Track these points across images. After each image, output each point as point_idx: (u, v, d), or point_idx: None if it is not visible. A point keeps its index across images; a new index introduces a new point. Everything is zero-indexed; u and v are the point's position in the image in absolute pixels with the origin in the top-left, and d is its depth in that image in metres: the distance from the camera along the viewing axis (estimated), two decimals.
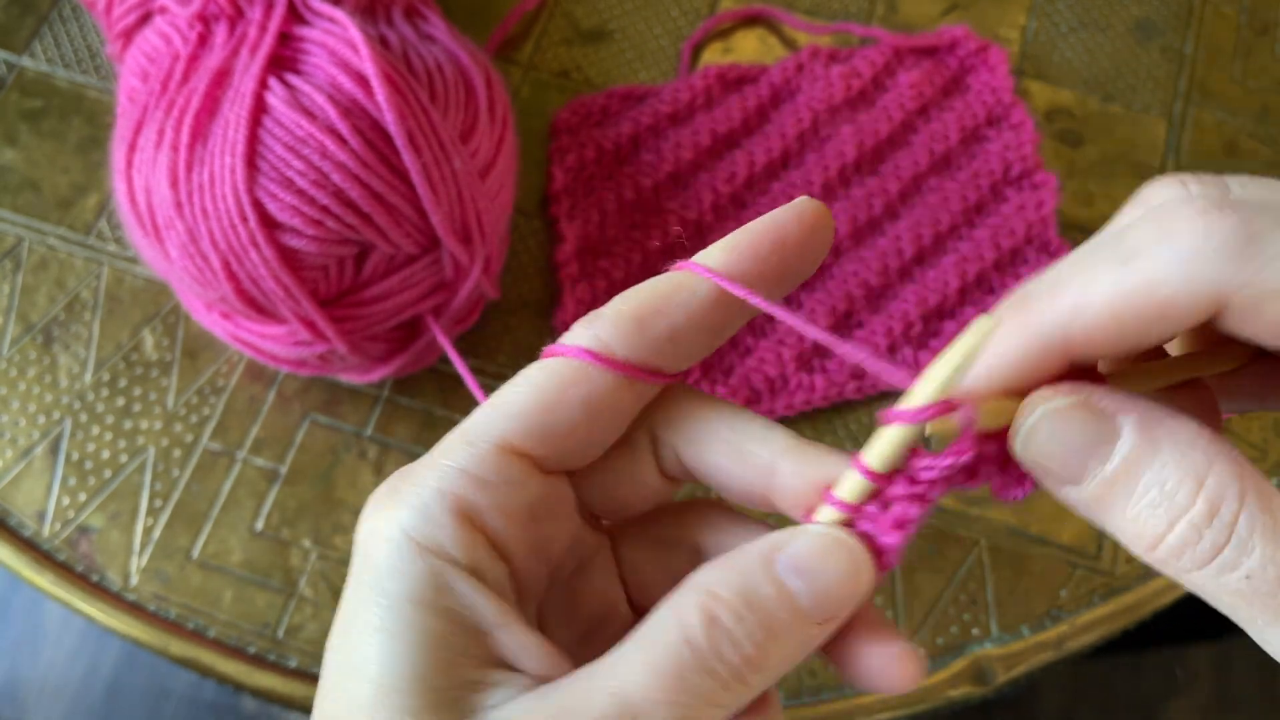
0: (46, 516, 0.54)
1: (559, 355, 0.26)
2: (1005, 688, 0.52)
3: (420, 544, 0.24)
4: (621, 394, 0.26)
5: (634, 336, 0.26)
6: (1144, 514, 0.22)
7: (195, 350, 0.57)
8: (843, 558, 0.24)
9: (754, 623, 0.23)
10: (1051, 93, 0.65)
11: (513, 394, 0.26)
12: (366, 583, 0.24)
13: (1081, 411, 0.23)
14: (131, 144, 0.48)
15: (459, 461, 0.25)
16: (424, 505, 0.25)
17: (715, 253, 0.27)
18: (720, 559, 0.25)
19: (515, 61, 0.65)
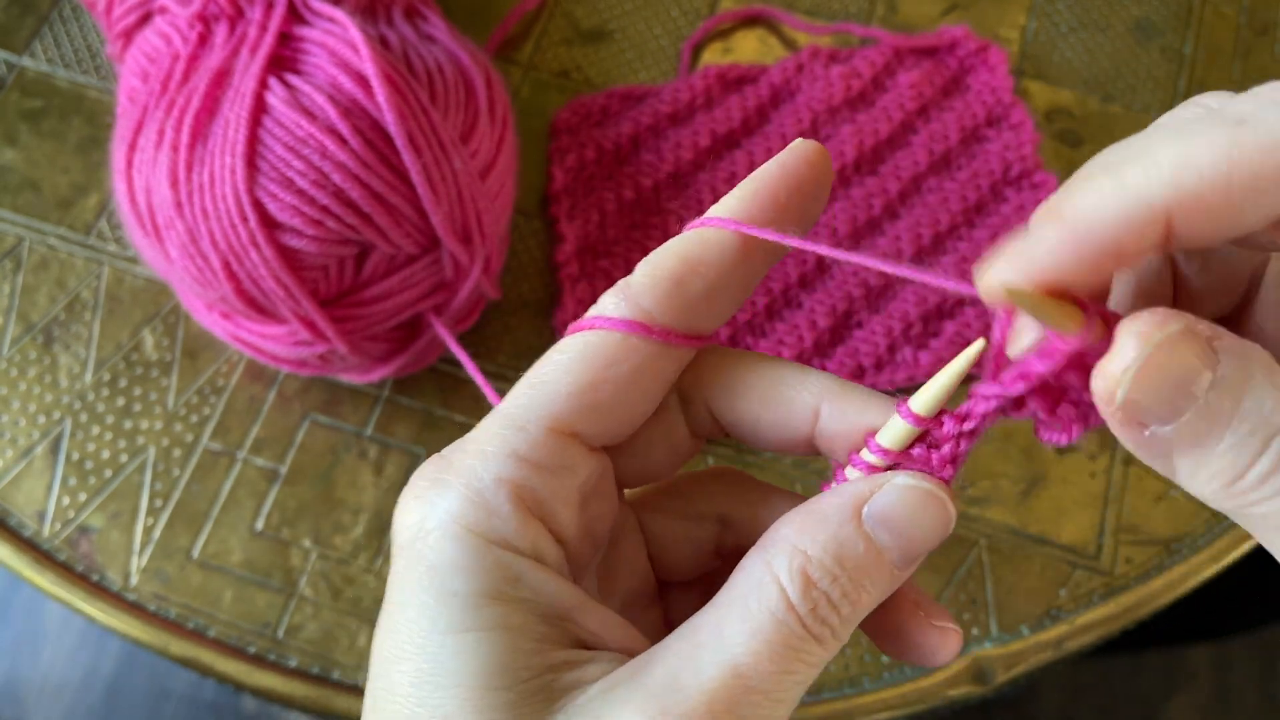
0: (47, 516, 0.54)
1: (598, 328, 0.25)
2: (1005, 688, 0.52)
3: (484, 537, 0.23)
4: (664, 362, 0.26)
5: (673, 300, 0.25)
6: (1236, 443, 0.21)
7: (195, 350, 0.58)
8: (934, 508, 0.24)
9: (847, 581, 0.23)
10: (1051, 93, 0.65)
11: (554, 372, 0.25)
12: (426, 582, 0.23)
13: (1191, 340, 0.21)
14: (132, 144, 0.48)
15: (512, 446, 0.24)
16: (481, 495, 0.24)
17: (731, 203, 0.26)
18: (803, 512, 0.24)
19: (515, 61, 0.65)
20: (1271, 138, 0.20)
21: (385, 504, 0.55)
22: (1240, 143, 0.20)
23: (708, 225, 0.26)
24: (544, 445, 0.24)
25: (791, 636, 0.23)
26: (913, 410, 0.24)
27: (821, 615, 0.23)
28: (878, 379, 0.57)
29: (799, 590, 0.23)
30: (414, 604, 0.23)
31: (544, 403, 0.25)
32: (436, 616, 0.23)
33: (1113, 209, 0.21)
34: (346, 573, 0.54)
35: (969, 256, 0.59)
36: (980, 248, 0.60)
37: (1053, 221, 0.22)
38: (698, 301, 0.25)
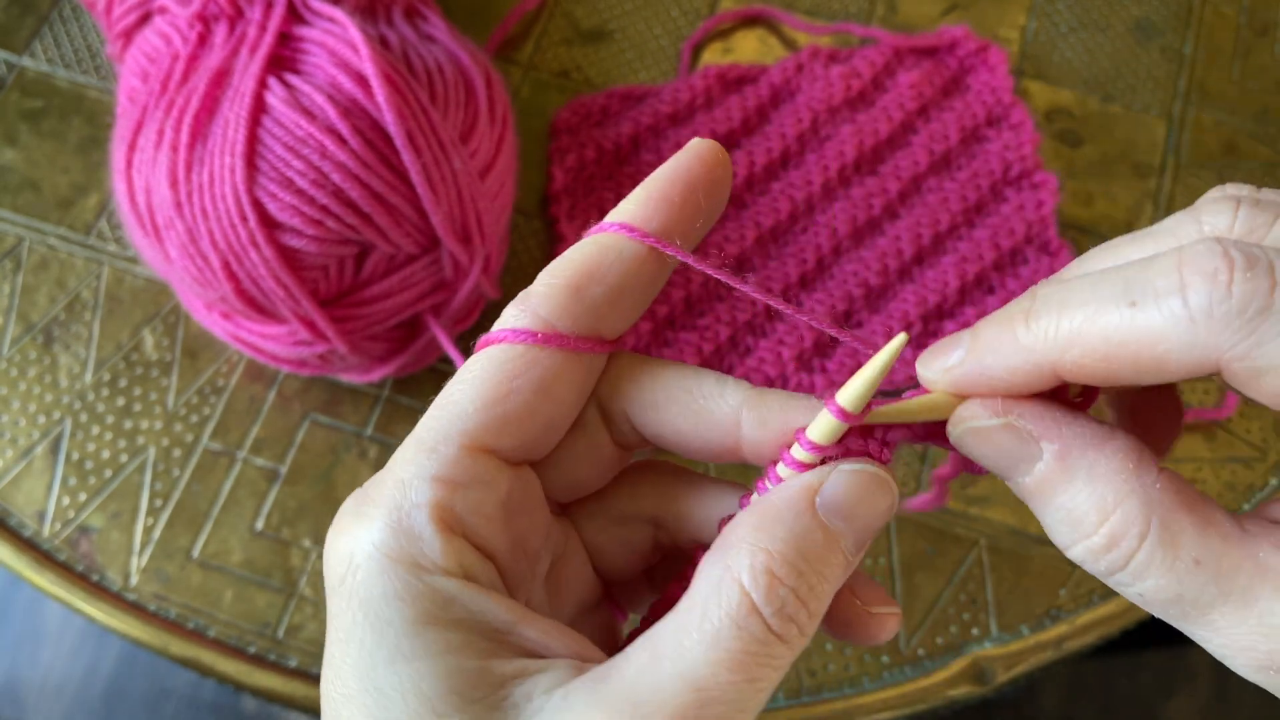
0: (47, 516, 0.54)
1: (499, 342, 0.25)
2: (1005, 687, 0.52)
3: (411, 563, 0.23)
4: (572, 370, 0.26)
5: (573, 307, 0.25)
6: (1057, 522, 0.24)
7: (195, 350, 0.58)
8: (881, 492, 0.25)
9: (811, 573, 0.23)
10: (1051, 93, 0.65)
11: (463, 390, 0.25)
12: (361, 615, 0.23)
13: (1005, 433, 0.24)
14: (131, 144, 0.48)
15: (426, 469, 0.24)
16: (401, 522, 0.24)
17: (629, 207, 0.26)
18: (755, 509, 0.24)
19: (515, 61, 0.65)
20: (1147, 328, 0.22)
21: None
22: (1125, 327, 0.22)
23: (604, 231, 0.26)
24: (457, 463, 0.24)
25: (754, 642, 0.22)
26: (842, 406, 0.25)
27: (789, 613, 0.23)
28: None
29: (763, 591, 0.23)
30: (353, 640, 0.23)
31: (452, 421, 0.25)
32: (375, 649, 0.23)
33: (1008, 359, 0.24)
34: None
35: (968, 256, 0.59)
36: (980, 247, 0.59)
37: (963, 346, 0.25)
38: (599, 307, 0.26)
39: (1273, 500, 0.24)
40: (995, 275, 0.59)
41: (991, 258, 0.59)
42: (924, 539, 0.55)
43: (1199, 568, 0.22)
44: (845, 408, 0.25)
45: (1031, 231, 0.60)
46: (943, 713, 0.53)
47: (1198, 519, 0.22)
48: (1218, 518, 0.22)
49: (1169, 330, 0.21)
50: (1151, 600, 0.23)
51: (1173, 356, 0.22)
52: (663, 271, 0.27)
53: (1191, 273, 0.21)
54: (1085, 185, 0.62)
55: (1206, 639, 0.23)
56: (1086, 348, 0.23)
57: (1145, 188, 0.62)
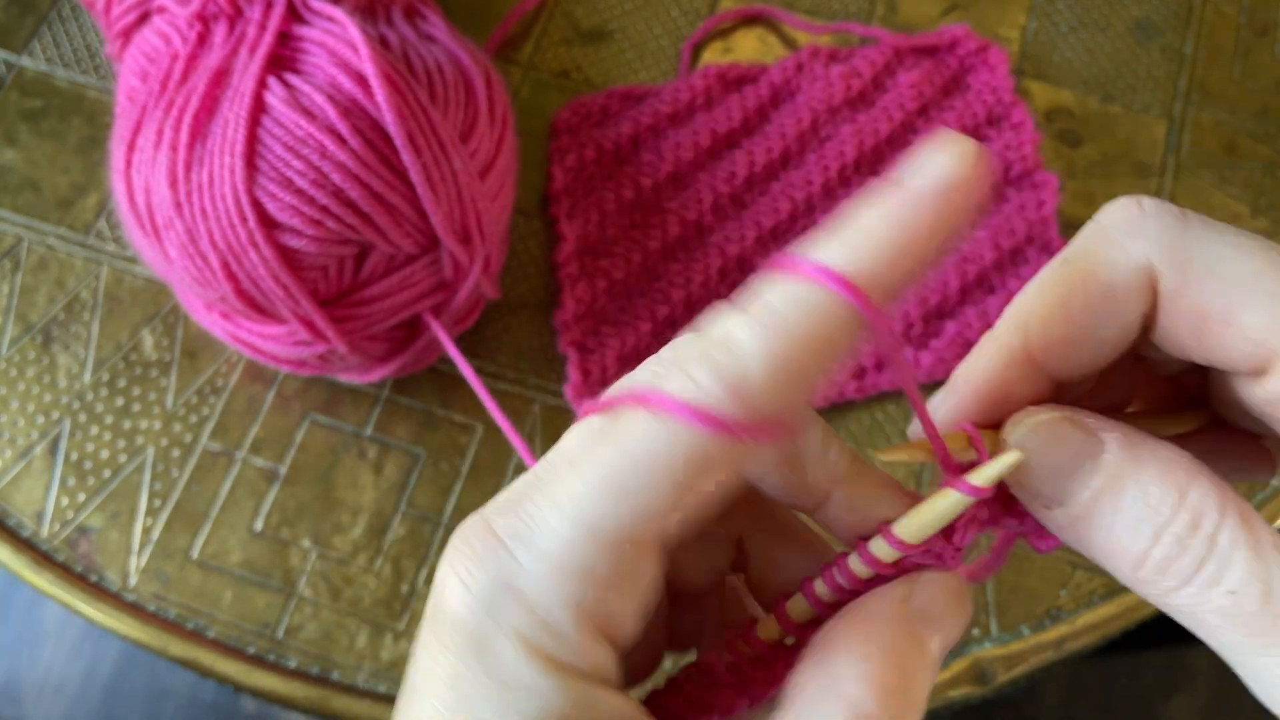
0: (45, 516, 0.54)
1: (690, 424, 0.20)
2: (1005, 688, 0.52)
3: (554, 661, 0.21)
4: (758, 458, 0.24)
5: (792, 404, 0.21)
6: (1129, 529, 0.22)
7: (195, 350, 0.57)
8: (964, 601, 0.24)
9: (907, 695, 0.22)
10: (1051, 93, 0.65)
11: (645, 482, 0.21)
12: (499, 702, 0.21)
13: (1066, 425, 0.23)
14: (131, 144, 0.48)
15: (591, 568, 0.21)
16: (550, 615, 0.21)
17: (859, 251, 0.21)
18: (854, 620, 0.23)
19: (515, 61, 0.65)
20: (1084, 263, 0.22)
21: (385, 504, 0.55)
22: (1064, 279, 0.22)
23: (828, 286, 0.20)
24: (624, 566, 0.21)
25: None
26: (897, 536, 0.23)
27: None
28: (878, 379, 0.57)
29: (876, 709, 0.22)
30: (476, 715, 0.21)
31: (626, 518, 0.21)
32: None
33: (987, 368, 0.23)
34: (346, 573, 0.53)
35: (969, 256, 0.59)
36: (980, 247, 0.59)
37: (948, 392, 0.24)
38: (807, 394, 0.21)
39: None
40: (996, 275, 0.59)
41: (992, 258, 0.59)
42: None
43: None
44: (909, 540, 0.23)
45: (1032, 231, 0.60)
46: (943, 713, 0.53)
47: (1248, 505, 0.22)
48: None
49: (1103, 252, 0.22)
50: (1243, 599, 0.21)
51: (1115, 279, 0.22)
52: None
53: (1105, 215, 0.23)
54: (1086, 185, 0.62)
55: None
56: (1042, 311, 0.23)
57: (1145, 187, 0.62)
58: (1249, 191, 0.62)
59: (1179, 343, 0.23)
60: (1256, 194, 0.62)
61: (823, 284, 0.20)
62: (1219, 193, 0.62)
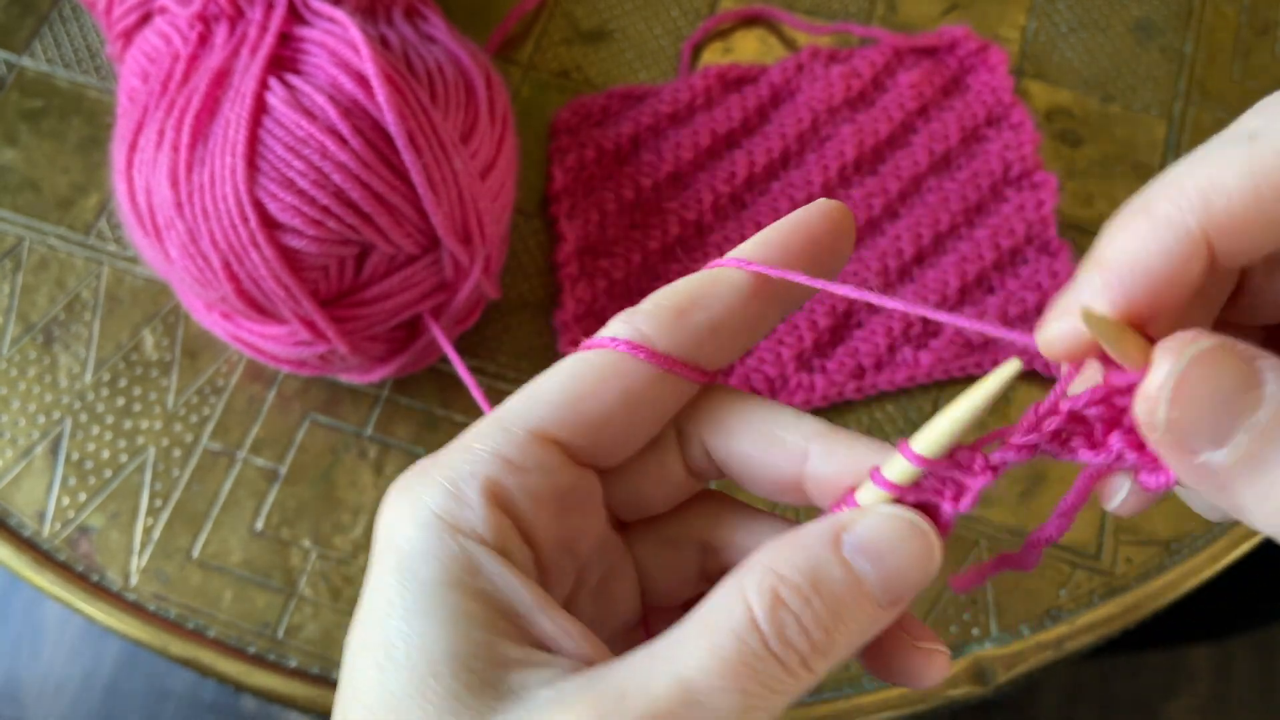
0: (46, 516, 0.54)
1: (597, 347, 0.26)
2: (1005, 688, 0.52)
3: (450, 524, 0.24)
4: (660, 390, 0.26)
5: (674, 330, 0.26)
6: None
7: (195, 350, 0.58)
8: (915, 541, 0.23)
9: (820, 606, 0.22)
10: (1051, 93, 0.65)
11: (549, 383, 0.26)
12: (393, 567, 0.24)
13: (1229, 355, 0.20)
14: (132, 144, 0.48)
15: (491, 445, 0.25)
16: (454, 486, 0.24)
17: (748, 248, 0.27)
18: (782, 539, 0.24)
19: (515, 61, 0.65)
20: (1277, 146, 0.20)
21: None
22: (1259, 155, 0.20)
23: (722, 265, 0.26)
24: (523, 446, 0.25)
25: (750, 654, 0.22)
26: (916, 452, 0.23)
27: (789, 638, 0.22)
28: (878, 379, 0.57)
29: (766, 609, 0.22)
30: (380, 591, 0.24)
31: (531, 408, 0.25)
32: (396, 601, 0.23)
33: (1153, 245, 0.21)
34: (346, 573, 0.53)
35: (969, 256, 0.59)
36: (980, 247, 0.60)
37: (1096, 269, 0.22)
38: (700, 335, 0.26)
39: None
40: (995, 275, 0.59)
41: (992, 258, 0.59)
42: None
43: None
44: (921, 453, 0.23)
45: (1032, 231, 0.60)
46: (943, 713, 0.53)
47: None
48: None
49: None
50: None
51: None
52: (771, 316, 0.27)
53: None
54: (1085, 185, 0.62)
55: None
56: (1227, 193, 0.20)
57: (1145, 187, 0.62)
58: None
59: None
60: None
61: (717, 263, 0.26)
62: None
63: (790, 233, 0.27)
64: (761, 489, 0.27)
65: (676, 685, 0.21)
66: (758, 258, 0.26)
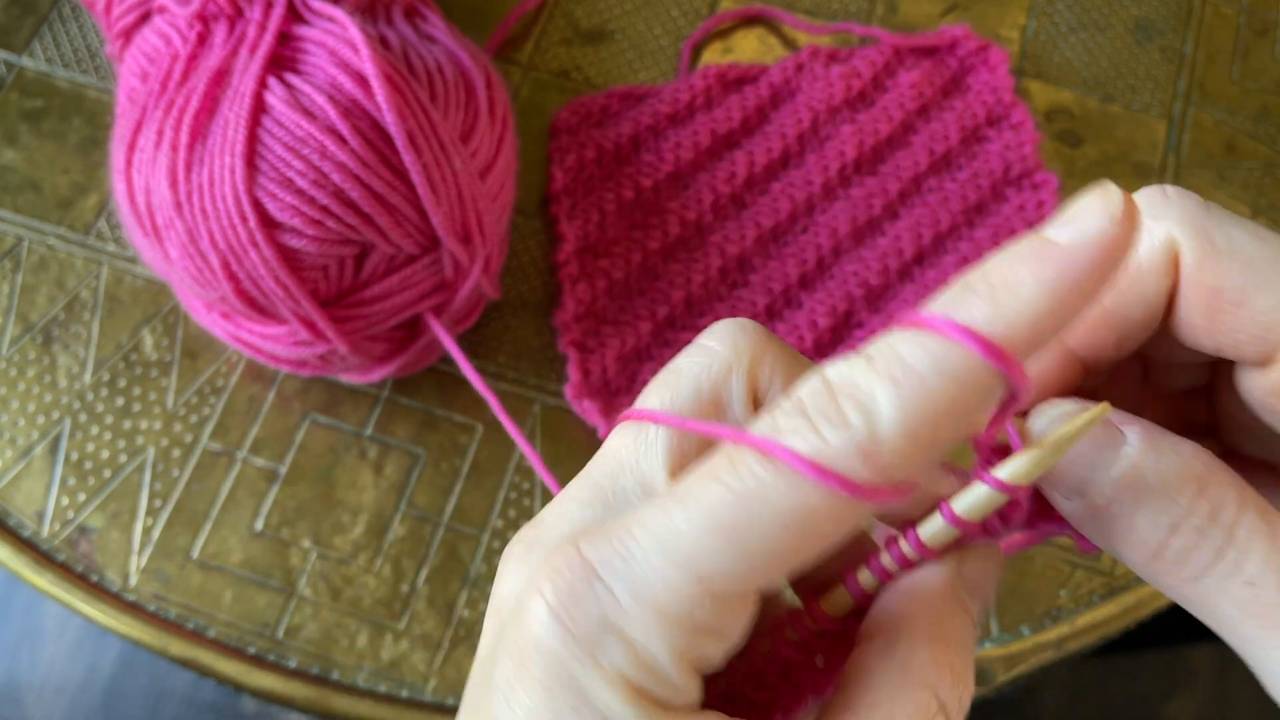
0: (46, 516, 0.54)
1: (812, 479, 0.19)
2: (1005, 688, 0.52)
3: (654, 700, 0.20)
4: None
5: (923, 462, 0.20)
6: (1148, 520, 0.22)
7: (195, 350, 0.57)
8: (1000, 572, 0.25)
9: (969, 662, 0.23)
10: (1051, 93, 0.65)
11: (762, 538, 0.19)
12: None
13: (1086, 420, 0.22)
14: (131, 144, 0.48)
15: (697, 618, 0.20)
16: (655, 663, 0.20)
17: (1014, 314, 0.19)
18: (923, 605, 0.23)
19: (515, 61, 0.65)
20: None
21: (385, 504, 0.55)
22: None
23: (970, 347, 0.19)
24: (729, 613, 0.20)
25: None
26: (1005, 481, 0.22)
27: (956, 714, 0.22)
28: None
29: (954, 710, 0.22)
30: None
31: (738, 573, 0.20)
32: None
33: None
34: (346, 573, 0.53)
35: (969, 256, 0.59)
36: (981, 247, 0.59)
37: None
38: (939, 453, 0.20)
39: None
40: None
41: None
42: None
43: None
44: (1010, 482, 0.21)
45: None
46: None
47: (1265, 501, 0.22)
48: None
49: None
50: (1261, 591, 0.21)
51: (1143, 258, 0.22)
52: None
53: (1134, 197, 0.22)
54: (1086, 185, 0.62)
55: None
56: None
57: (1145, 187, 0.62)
58: (1248, 191, 0.62)
59: (1193, 326, 0.23)
60: (1256, 194, 0.62)
61: (967, 346, 0.19)
62: (1219, 193, 0.62)
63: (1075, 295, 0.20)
64: None
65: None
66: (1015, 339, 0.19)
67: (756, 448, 0.19)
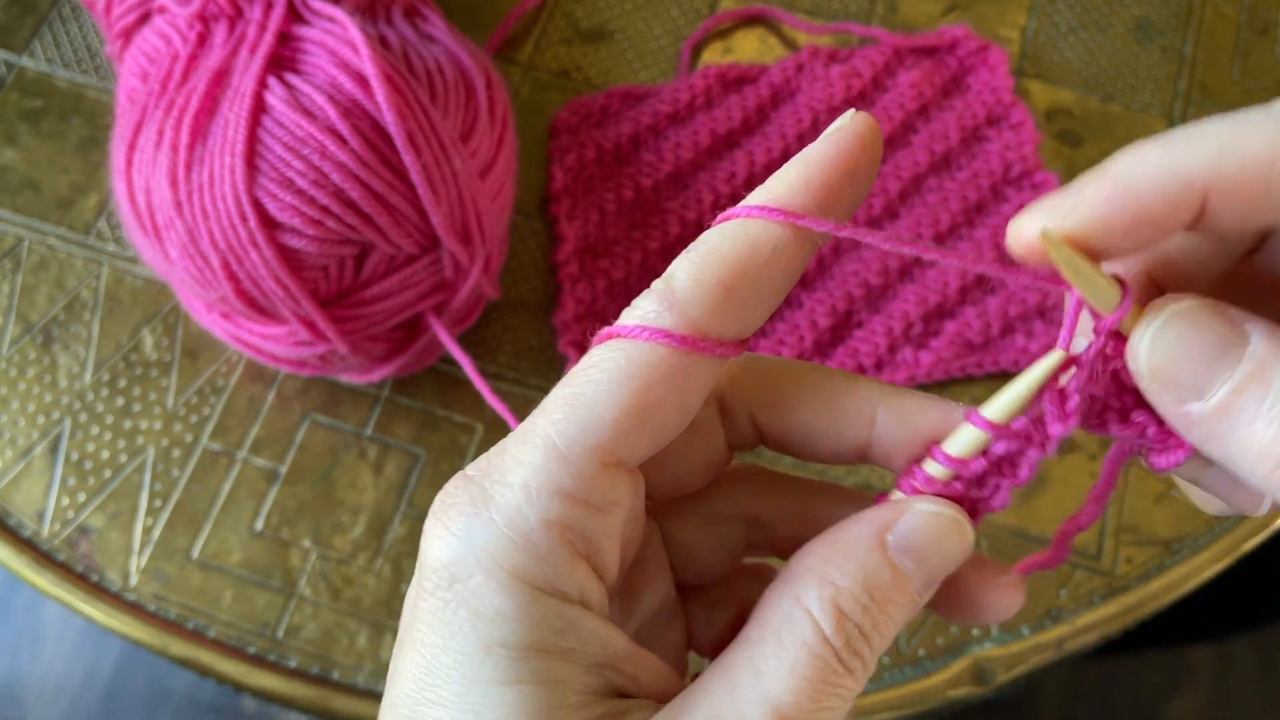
0: (46, 516, 0.54)
1: (640, 339, 0.23)
2: (1005, 688, 0.52)
3: (532, 584, 0.22)
4: (705, 373, 0.23)
5: (724, 308, 0.23)
6: (1273, 422, 0.21)
7: (195, 350, 0.57)
8: (954, 537, 0.24)
9: (877, 611, 0.23)
10: (1051, 93, 0.65)
11: (599, 392, 0.23)
12: (469, 630, 0.22)
13: (1211, 314, 0.22)
14: (131, 144, 0.48)
15: (558, 480, 0.22)
16: (527, 537, 0.22)
17: (778, 190, 0.23)
18: (827, 542, 0.23)
19: (515, 61, 0.65)
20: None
21: (385, 504, 0.55)
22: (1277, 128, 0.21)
23: (751, 216, 0.23)
24: (592, 481, 0.22)
25: (827, 671, 0.22)
26: (986, 418, 0.23)
27: (855, 648, 0.22)
28: (879, 376, 0.57)
29: (833, 624, 0.22)
30: (455, 650, 0.22)
31: (587, 428, 0.22)
32: (480, 667, 0.22)
33: (1155, 175, 0.21)
34: (346, 573, 0.53)
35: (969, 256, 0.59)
36: (981, 247, 0.59)
37: (1096, 180, 0.22)
38: (748, 306, 0.23)
39: None
40: None
41: (992, 258, 0.59)
42: None
43: None
44: (992, 419, 0.23)
45: None
46: (943, 713, 0.53)
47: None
48: None
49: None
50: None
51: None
52: (802, 263, 0.24)
53: None
54: None
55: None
56: (1242, 159, 0.21)
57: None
58: None
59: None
60: None
61: (741, 214, 0.23)
62: None
63: (824, 163, 0.24)
64: (819, 456, 0.26)
65: (771, 712, 0.22)
66: (791, 200, 0.23)
67: (598, 339, 0.24)
